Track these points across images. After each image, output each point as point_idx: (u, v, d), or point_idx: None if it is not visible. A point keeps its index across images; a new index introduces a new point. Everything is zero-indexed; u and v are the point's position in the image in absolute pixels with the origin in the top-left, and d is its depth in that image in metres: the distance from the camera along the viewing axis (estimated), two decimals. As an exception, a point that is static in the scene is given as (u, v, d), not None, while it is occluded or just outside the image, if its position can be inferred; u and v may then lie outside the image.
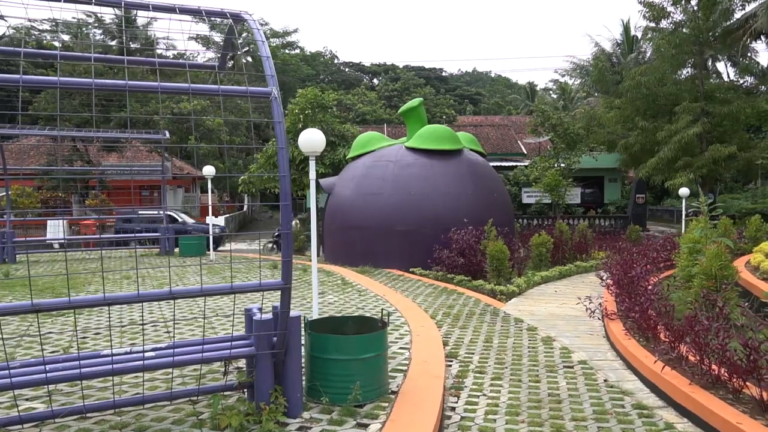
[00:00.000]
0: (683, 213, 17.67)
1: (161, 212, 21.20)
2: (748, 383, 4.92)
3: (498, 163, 32.25)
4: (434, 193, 14.53)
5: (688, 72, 19.77)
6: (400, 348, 6.56)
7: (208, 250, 15.71)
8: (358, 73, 73.78)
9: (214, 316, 8.24)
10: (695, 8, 19.37)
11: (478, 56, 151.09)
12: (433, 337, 6.97)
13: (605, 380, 6.16)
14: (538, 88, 72.17)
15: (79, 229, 27.56)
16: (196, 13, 4.64)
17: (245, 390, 4.76)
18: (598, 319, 8.24)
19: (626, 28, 39.62)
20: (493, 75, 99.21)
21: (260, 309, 4.88)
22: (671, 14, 19.32)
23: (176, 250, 16.71)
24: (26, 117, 33.73)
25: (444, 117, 40.28)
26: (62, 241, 23.14)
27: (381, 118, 42.02)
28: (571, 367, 6.58)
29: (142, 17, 53.71)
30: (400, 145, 15.89)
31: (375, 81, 70.64)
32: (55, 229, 26.62)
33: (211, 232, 15.41)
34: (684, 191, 17.68)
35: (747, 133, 28.58)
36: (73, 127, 30.91)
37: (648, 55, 30.60)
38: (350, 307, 8.85)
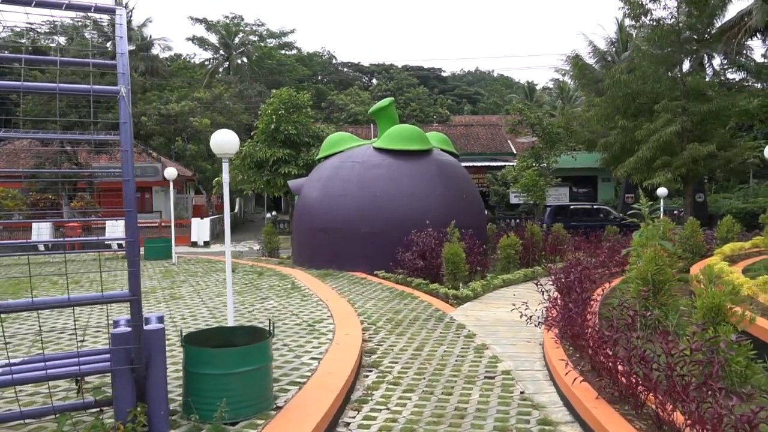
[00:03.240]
0: (661, 213, 17.30)
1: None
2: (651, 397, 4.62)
3: (487, 163, 31.96)
4: (400, 194, 14.24)
5: (670, 69, 19.34)
6: (311, 358, 6.29)
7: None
8: (356, 74, 73.44)
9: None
10: (682, 4, 18.99)
11: (480, 55, 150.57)
12: (353, 346, 6.68)
13: (522, 392, 5.87)
14: (538, 87, 71.71)
15: (65, 231, 27.43)
16: (54, 6, 4.37)
17: (107, 408, 4.50)
18: (535, 326, 7.93)
19: (620, 27, 39.20)
20: (495, 74, 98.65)
21: (128, 321, 4.61)
22: (651, 11, 18.93)
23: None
24: (18, 119, 33.59)
25: (435, 117, 39.93)
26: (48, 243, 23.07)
27: (373, 118, 41.74)
28: (492, 378, 6.29)
29: (136, 19, 53.85)
30: (368, 145, 15.61)
31: (374, 81, 70.33)
32: (40, 231, 26.51)
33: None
34: (662, 191, 17.31)
35: (739, 131, 28.19)
36: (59, 128, 30.71)
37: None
38: (285, 313, 8.58)
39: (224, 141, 6.57)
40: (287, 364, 6.10)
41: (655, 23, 19.08)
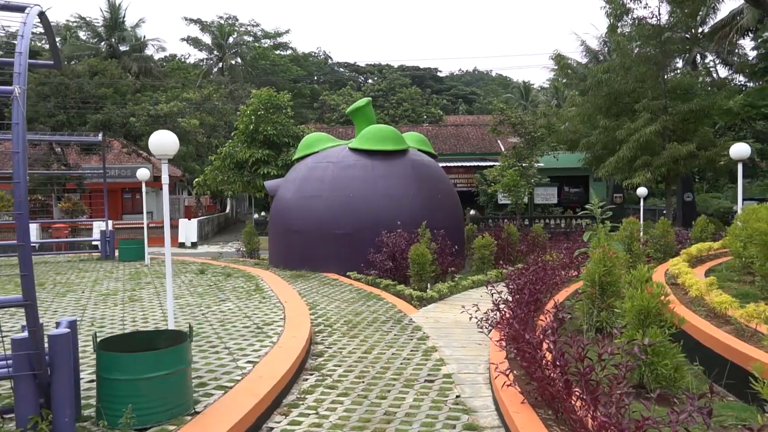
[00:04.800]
0: (641, 213, 17.22)
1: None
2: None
3: (476, 163, 31.81)
4: (374, 195, 14.15)
5: (652, 68, 19.19)
6: (248, 362, 6.19)
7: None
8: (352, 74, 73.27)
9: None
10: (662, 3, 18.92)
11: (479, 55, 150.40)
12: (294, 349, 6.59)
13: (457, 396, 5.78)
14: (535, 86, 71.59)
15: (52, 232, 27.44)
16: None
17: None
18: (480, 329, 7.81)
19: (613, 25, 39.10)
20: (494, 74, 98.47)
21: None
22: (632, 10, 18.85)
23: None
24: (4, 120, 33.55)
25: (425, 117, 39.83)
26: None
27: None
28: (432, 381, 6.20)
29: (129, 19, 53.80)
30: (343, 146, 15.53)
31: (370, 81, 70.15)
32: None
33: None
34: (642, 191, 17.23)
35: (729, 130, 28.06)
36: (48, 129, 30.72)
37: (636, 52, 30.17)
38: (238, 315, 8.50)
39: (163, 142, 6.48)
40: (221, 367, 6.01)
41: (636, 22, 19.00)
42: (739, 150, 10.15)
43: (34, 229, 26.41)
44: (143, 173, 14.66)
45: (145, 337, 5.16)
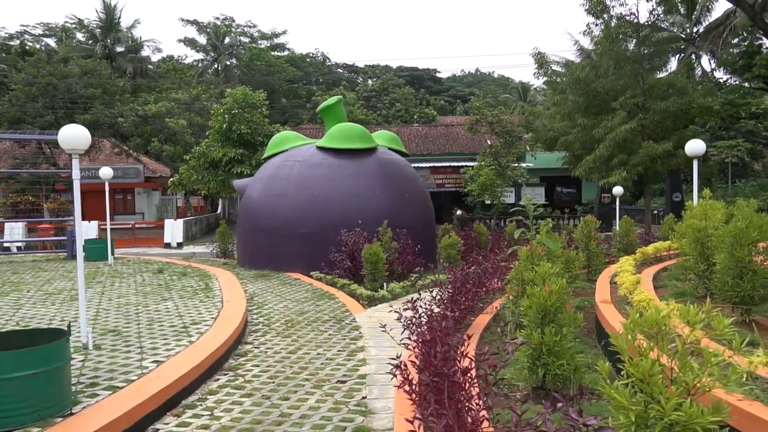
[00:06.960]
0: (617, 212, 16.97)
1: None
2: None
3: (464, 163, 31.61)
4: (339, 193, 13.96)
5: (632, 66, 18.93)
6: (154, 361, 6.01)
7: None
8: (351, 75, 73.08)
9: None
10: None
11: (481, 54, 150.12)
12: (207, 348, 6.40)
13: (363, 397, 5.59)
14: (534, 86, 71.27)
15: (37, 232, 27.37)
16: None
17: None
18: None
19: (606, 24, 38.77)
20: (495, 75, 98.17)
21: None
22: (611, 7, 18.63)
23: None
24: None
25: (418, 117, 39.63)
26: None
27: (357, 118, 41.40)
28: (344, 382, 6.02)
29: (125, 20, 53.84)
30: (311, 144, 15.36)
31: (370, 82, 69.96)
32: (12, 231, 26.42)
33: None
34: (617, 190, 16.99)
35: (719, 129, 27.69)
36: (36, 130, 30.71)
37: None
38: (171, 315, 8.32)
39: (72, 136, 6.32)
40: (124, 367, 5.84)
41: (615, 19, 18.78)
42: (694, 147, 9.90)
43: (20, 228, 26.39)
44: (106, 172, 14.53)
45: (24, 335, 4.99)
